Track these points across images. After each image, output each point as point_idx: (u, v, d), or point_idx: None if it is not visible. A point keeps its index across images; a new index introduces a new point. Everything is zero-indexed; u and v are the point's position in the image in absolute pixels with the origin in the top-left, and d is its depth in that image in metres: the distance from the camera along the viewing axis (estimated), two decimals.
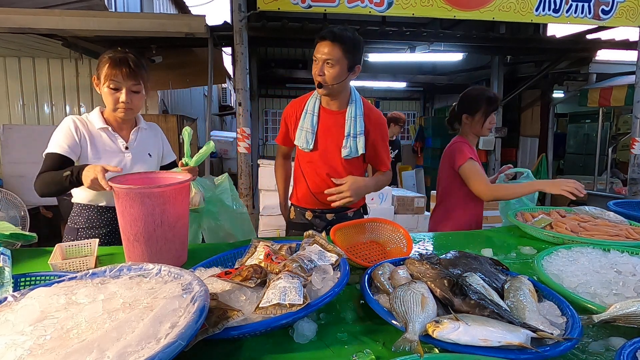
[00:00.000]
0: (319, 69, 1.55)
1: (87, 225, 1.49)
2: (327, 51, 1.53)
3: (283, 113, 1.81)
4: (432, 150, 9.37)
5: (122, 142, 1.51)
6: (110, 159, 1.47)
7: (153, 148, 1.63)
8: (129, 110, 1.45)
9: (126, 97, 1.41)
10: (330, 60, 1.53)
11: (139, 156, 1.54)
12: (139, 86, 1.43)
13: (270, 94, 9.40)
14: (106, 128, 1.48)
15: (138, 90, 1.44)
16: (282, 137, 1.83)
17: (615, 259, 1.08)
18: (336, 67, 1.55)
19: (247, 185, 3.69)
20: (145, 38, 4.46)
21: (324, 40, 1.53)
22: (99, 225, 1.50)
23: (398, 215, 4.10)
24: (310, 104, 1.70)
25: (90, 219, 1.50)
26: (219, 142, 6.92)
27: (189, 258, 1.23)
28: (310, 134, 1.66)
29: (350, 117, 1.65)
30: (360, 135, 1.65)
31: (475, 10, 3.88)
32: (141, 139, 1.57)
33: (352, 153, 1.65)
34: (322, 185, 1.70)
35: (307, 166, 1.74)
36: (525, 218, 1.61)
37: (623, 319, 0.73)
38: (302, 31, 4.55)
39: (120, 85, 1.40)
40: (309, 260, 0.89)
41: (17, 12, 3.41)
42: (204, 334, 0.65)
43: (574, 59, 5.91)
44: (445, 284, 0.78)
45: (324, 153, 1.69)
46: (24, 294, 0.75)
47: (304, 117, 1.68)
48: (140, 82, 1.43)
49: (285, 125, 1.79)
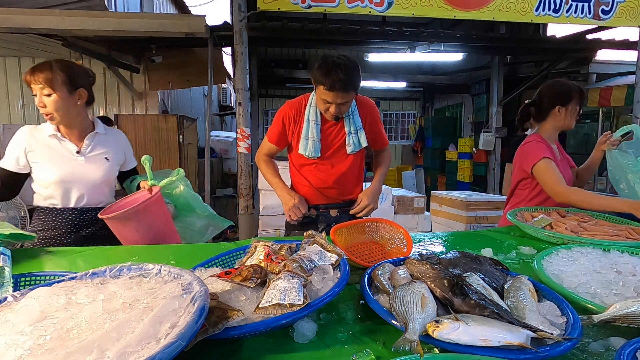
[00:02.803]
0: (334, 110, 1.60)
1: (43, 227, 1.57)
2: (342, 96, 1.57)
3: (280, 112, 1.78)
4: (432, 150, 9.39)
5: (72, 146, 1.58)
6: (63, 164, 1.56)
7: (112, 153, 1.69)
8: (49, 115, 1.51)
9: (39, 100, 1.48)
10: (345, 102, 1.60)
11: (94, 160, 1.62)
12: (48, 89, 1.47)
13: (270, 94, 9.41)
14: (55, 135, 1.56)
15: (49, 93, 1.48)
16: (276, 136, 1.78)
17: (615, 259, 1.08)
18: (350, 102, 1.66)
19: (247, 185, 3.69)
20: (145, 38, 4.47)
21: (336, 91, 1.54)
22: (54, 227, 1.57)
23: (398, 215, 4.11)
24: (311, 113, 1.71)
25: (47, 222, 1.57)
26: (219, 142, 6.92)
27: (189, 258, 1.24)
28: (317, 142, 1.71)
29: (347, 116, 1.72)
30: (360, 130, 1.74)
31: (475, 10, 3.89)
32: (97, 144, 1.64)
33: (356, 147, 1.75)
34: (327, 180, 1.76)
35: (309, 169, 1.78)
36: (525, 218, 1.61)
37: (623, 319, 0.73)
38: (302, 31, 4.56)
39: (35, 90, 1.48)
40: (309, 260, 0.89)
41: (17, 12, 3.42)
42: (204, 334, 0.65)
43: (574, 59, 5.92)
44: (445, 284, 0.78)
45: (330, 155, 1.75)
46: (24, 294, 0.75)
47: (308, 127, 1.71)
48: (50, 85, 1.47)
49: (282, 124, 1.76)
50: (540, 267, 1.01)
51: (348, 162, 1.78)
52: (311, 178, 1.79)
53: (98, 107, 5.40)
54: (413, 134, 10.38)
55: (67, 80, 1.51)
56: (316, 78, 1.57)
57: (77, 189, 1.58)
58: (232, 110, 10.07)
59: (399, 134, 10.75)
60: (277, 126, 1.78)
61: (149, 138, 4.62)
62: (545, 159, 1.73)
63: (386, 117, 10.55)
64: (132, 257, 1.25)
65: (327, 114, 1.64)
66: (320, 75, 1.54)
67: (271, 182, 1.83)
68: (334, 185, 1.79)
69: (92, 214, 1.63)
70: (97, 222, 1.63)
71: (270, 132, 1.81)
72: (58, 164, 1.55)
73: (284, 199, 1.76)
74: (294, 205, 1.71)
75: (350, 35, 4.70)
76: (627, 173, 1.72)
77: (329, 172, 1.76)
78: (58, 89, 1.49)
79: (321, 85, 1.55)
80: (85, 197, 1.60)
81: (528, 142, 1.85)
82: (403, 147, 10.67)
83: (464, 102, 8.99)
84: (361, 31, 4.65)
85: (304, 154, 1.73)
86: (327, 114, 1.64)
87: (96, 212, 1.62)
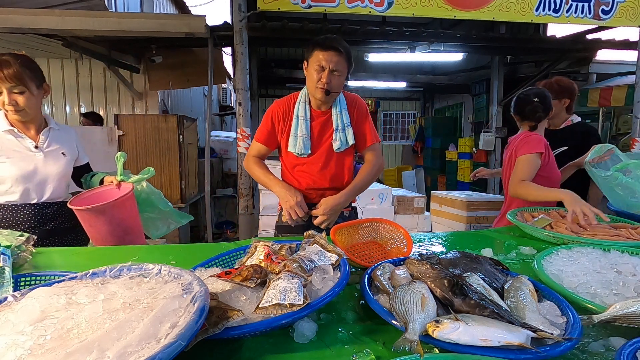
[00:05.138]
0: (325, 77, 1.57)
1: (4, 224, 1.56)
2: (336, 61, 1.56)
3: (268, 111, 1.74)
4: (432, 150, 9.39)
5: (30, 142, 1.58)
6: (20, 159, 1.55)
7: (67, 148, 1.70)
8: (19, 112, 1.50)
9: (8, 98, 1.46)
10: (338, 70, 1.58)
11: (52, 155, 1.62)
12: (20, 87, 1.47)
13: (270, 94, 9.40)
14: (11, 130, 1.54)
15: (21, 91, 1.48)
16: (265, 135, 1.73)
17: (615, 259, 1.08)
18: (342, 76, 1.62)
19: (247, 185, 3.70)
20: (145, 38, 4.47)
21: (331, 50, 1.55)
22: (15, 224, 1.57)
23: (398, 215, 4.11)
24: (300, 110, 1.69)
25: (6, 219, 1.57)
26: (219, 142, 6.92)
27: (189, 258, 1.24)
28: (306, 139, 1.68)
29: (336, 112, 1.71)
30: (348, 126, 1.71)
31: (475, 10, 3.89)
32: (53, 139, 1.65)
33: (343, 145, 1.71)
34: (319, 181, 1.73)
35: (299, 169, 1.74)
36: (525, 218, 1.61)
37: (623, 319, 0.73)
38: (302, 31, 4.55)
39: (1, 87, 1.45)
40: (309, 260, 0.89)
41: (18, 12, 3.42)
42: (204, 334, 0.65)
43: (574, 59, 5.92)
44: (445, 284, 0.78)
45: (320, 153, 1.71)
46: (24, 294, 0.75)
47: (297, 124, 1.68)
48: (22, 83, 1.46)
49: (271, 123, 1.72)
50: (540, 267, 1.01)
51: (339, 161, 1.74)
52: (303, 179, 1.74)
53: (98, 107, 5.40)
54: (413, 134, 10.38)
55: (33, 76, 1.51)
56: (312, 45, 1.61)
57: (38, 184, 1.59)
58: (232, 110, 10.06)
59: (399, 134, 10.75)
60: (265, 125, 1.72)
61: (149, 138, 4.61)
62: (535, 155, 1.79)
63: (386, 117, 10.55)
64: (132, 257, 1.25)
65: (319, 84, 1.59)
66: (316, 40, 1.60)
67: (266, 180, 1.71)
68: (327, 186, 1.74)
69: (54, 208, 1.65)
70: (59, 215, 1.66)
71: (259, 132, 1.75)
72: (17, 160, 1.54)
73: (284, 197, 1.63)
74: (296, 204, 1.59)
75: (350, 35, 4.70)
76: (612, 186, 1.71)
77: (320, 172, 1.72)
78: (29, 86, 1.49)
79: (317, 47, 1.58)
80: (46, 192, 1.62)
81: (531, 134, 1.89)
82: (403, 147, 10.67)
83: (464, 102, 8.99)
84: (361, 31, 4.64)
85: (293, 151, 1.69)
86: (319, 84, 1.59)
87: (57, 207, 1.65)
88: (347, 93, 1.77)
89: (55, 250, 1.41)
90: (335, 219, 1.64)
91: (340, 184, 1.75)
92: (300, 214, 1.60)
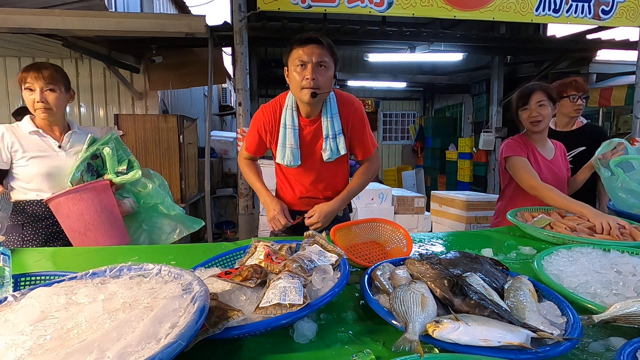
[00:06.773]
0: (310, 73, 1.41)
1: (34, 219, 1.63)
2: (319, 53, 1.40)
3: (253, 121, 1.66)
4: (432, 150, 9.39)
5: (54, 142, 1.68)
6: (45, 157, 1.65)
7: None
8: (48, 110, 1.60)
9: (40, 96, 1.57)
10: (323, 63, 1.43)
11: (72, 156, 1.71)
12: (53, 85, 1.59)
13: (270, 94, 9.38)
14: (37, 131, 1.64)
15: (52, 89, 1.60)
16: (254, 146, 1.68)
17: (615, 259, 1.08)
18: (329, 71, 1.46)
19: (247, 185, 3.69)
20: (145, 38, 4.46)
21: (311, 43, 1.41)
22: (44, 217, 1.64)
23: (398, 215, 4.11)
24: (288, 117, 1.56)
25: (36, 213, 1.63)
26: (219, 142, 6.92)
27: (189, 258, 1.24)
28: (295, 150, 1.57)
29: (326, 118, 1.55)
30: (339, 134, 1.56)
31: (475, 10, 3.89)
32: (75, 142, 1.74)
33: (334, 154, 1.58)
34: (311, 190, 1.68)
35: (292, 175, 1.69)
36: (525, 218, 1.61)
37: (623, 319, 0.73)
38: (302, 31, 4.54)
39: (34, 86, 1.57)
40: (309, 260, 0.89)
41: (17, 12, 3.41)
42: (204, 334, 0.65)
43: (574, 59, 5.91)
44: (445, 284, 0.78)
45: (311, 164, 1.62)
46: (24, 294, 0.75)
47: (285, 134, 1.56)
48: (55, 83, 1.60)
49: (258, 135, 1.64)
50: (540, 267, 1.01)
51: (332, 171, 1.66)
52: (295, 186, 1.69)
53: (98, 107, 5.40)
54: (413, 134, 10.38)
55: (64, 80, 1.65)
56: (290, 45, 1.46)
57: (59, 181, 1.66)
58: (232, 110, 10.05)
59: (399, 134, 10.74)
60: (253, 137, 1.67)
61: (149, 138, 4.61)
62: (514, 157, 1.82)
63: (386, 117, 10.54)
64: (132, 257, 1.25)
65: (304, 82, 1.42)
66: (293, 39, 1.46)
67: (254, 187, 1.72)
68: (320, 197, 1.69)
69: None
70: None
71: (248, 142, 1.70)
72: (42, 158, 1.63)
73: (266, 207, 1.65)
74: (275, 216, 1.59)
75: (350, 35, 4.70)
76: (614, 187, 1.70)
77: (312, 181, 1.65)
78: (60, 86, 1.62)
79: (295, 45, 1.44)
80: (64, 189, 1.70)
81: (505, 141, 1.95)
82: (403, 147, 10.67)
83: (464, 102, 8.99)
84: (361, 31, 4.64)
85: (282, 163, 1.60)
86: (304, 82, 1.42)
87: None
88: (340, 93, 1.62)
89: (56, 250, 1.41)
90: (329, 223, 1.61)
91: (335, 192, 1.69)
92: (279, 226, 1.60)
